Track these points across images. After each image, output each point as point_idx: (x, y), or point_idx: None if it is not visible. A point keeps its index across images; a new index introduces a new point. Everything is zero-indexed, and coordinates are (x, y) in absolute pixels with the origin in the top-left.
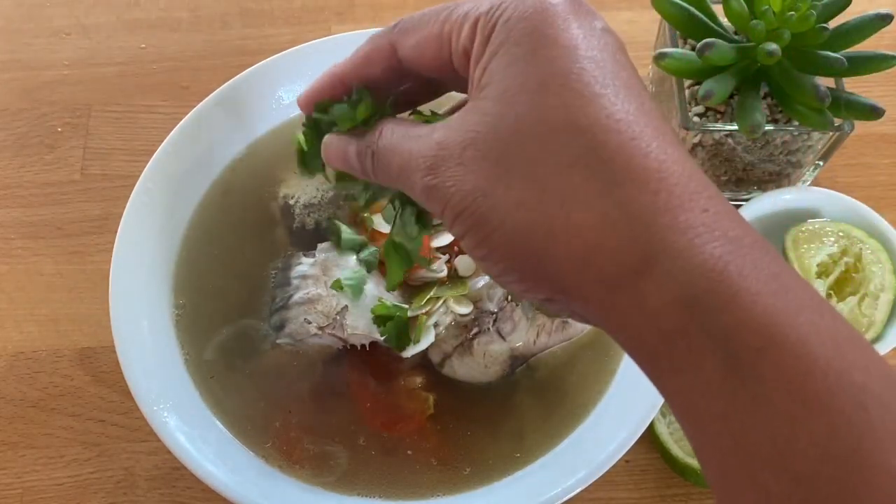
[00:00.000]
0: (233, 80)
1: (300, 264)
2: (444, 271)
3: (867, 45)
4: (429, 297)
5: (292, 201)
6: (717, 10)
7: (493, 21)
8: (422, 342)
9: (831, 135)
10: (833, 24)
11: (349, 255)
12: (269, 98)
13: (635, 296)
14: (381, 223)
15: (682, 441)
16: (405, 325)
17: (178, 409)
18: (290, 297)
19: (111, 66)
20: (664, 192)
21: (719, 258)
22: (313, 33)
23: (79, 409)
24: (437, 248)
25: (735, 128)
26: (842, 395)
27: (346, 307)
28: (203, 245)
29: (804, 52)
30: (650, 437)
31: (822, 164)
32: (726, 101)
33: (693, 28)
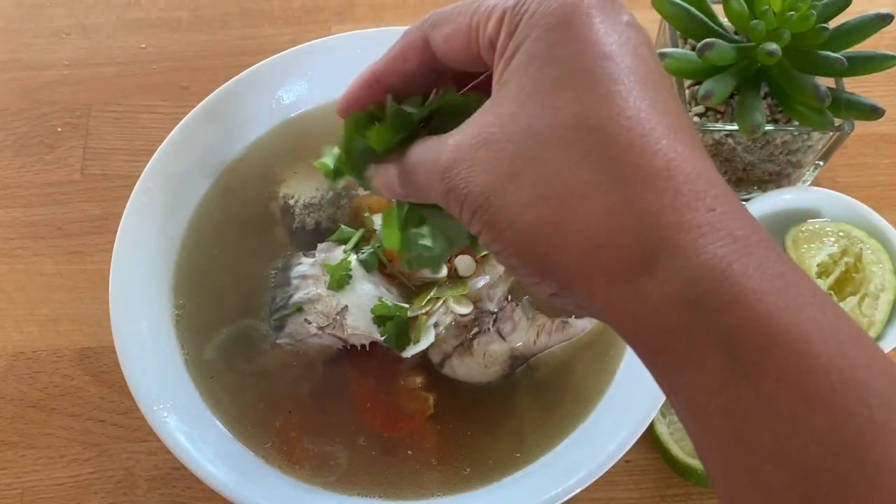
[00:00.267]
0: (233, 79)
1: (300, 264)
2: (444, 271)
3: (867, 45)
4: (429, 297)
5: (292, 201)
6: (717, 10)
7: (519, 16)
8: (422, 342)
9: (831, 135)
10: (833, 24)
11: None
12: (269, 98)
13: (638, 292)
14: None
15: (683, 441)
16: (405, 325)
17: (178, 409)
18: (290, 297)
19: (111, 66)
20: (671, 191)
21: (723, 257)
22: (313, 33)
23: (79, 409)
24: None
25: (735, 128)
26: (844, 392)
27: (346, 307)
28: (203, 245)
29: (804, 52)
30: (650, 437)
31: (822, 164)
32: (726, 101)
33: (693, 28)
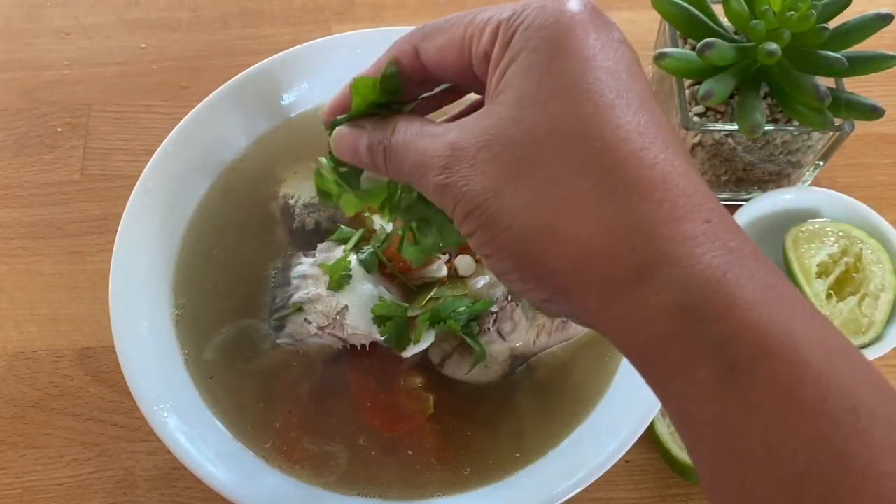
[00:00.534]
0: (233, 80)
1: (300, 264)
2: (444, 271)
3: (867, 45)
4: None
5: (292, 201)
6: (717, 10)
7: (514, 28)
8: (422, 342)
9: (831, 135)
10: (833, 24)
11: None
12: (269, 98)
13: (632, 302)
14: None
15: None
16: (405, 325)
17: (178, 409)
18: (290, 297)
19: (111, 66)
20: (667, 203)
21: (717, 268)
22: (313, 33)
23: (79, 409)
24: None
25: (735, 128)
26: (832, 401)
27: (346, 307)
28: (203, 245)
29: (804, 52)
30: (650, 437)
31: (822, 164)
32: (726, 101)
33: (693, 28)
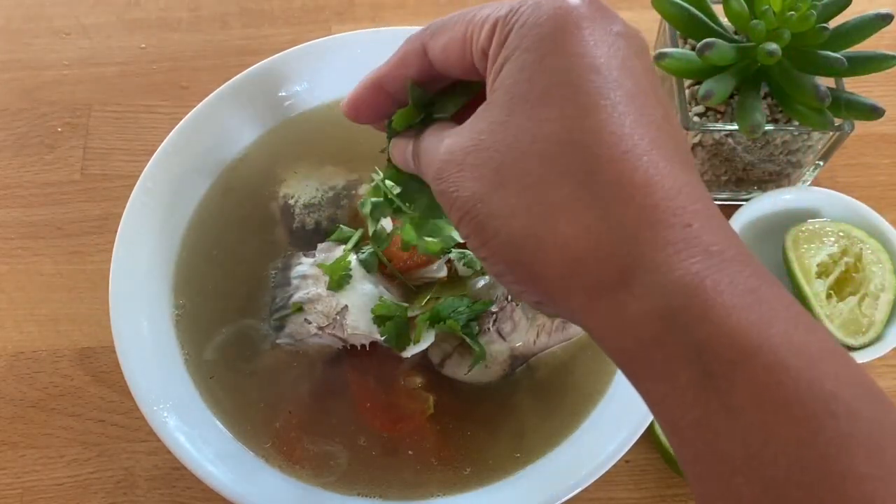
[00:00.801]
0: (232, 80)
1: (300, 264)
2: (444, 271)
3: (867, 45)
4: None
5: (292, 201)
6: (717, 10)
7: (510, 25)
8: (422, 342)
9: (831, 135)
10: (833, 24)
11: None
12: (270, 98)
13: (616, 306)
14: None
15: None
16: (405, 325)
17: (178, 409)
18: (290, 297)
19: (111, 66)
20: (649, 207)
21: (696, 273)
22: (313, 33)
23: (79, 409)
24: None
25: (735, 128)
26: (811, 404)
27: (346, 307)
28: (203, 245)
29: (804, 52)
30: (650, 437)
31: (822, 164)
32: (726, 101)
33: (693, 28)
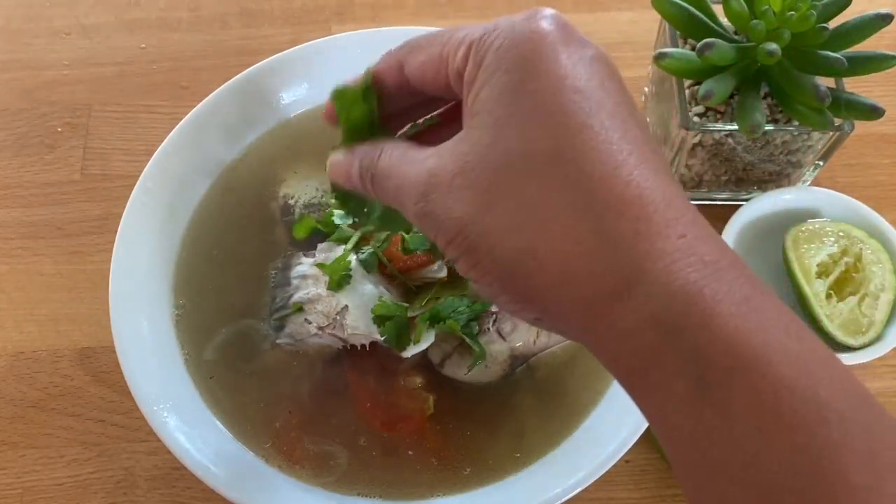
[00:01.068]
0: (233, 80)
1: (300, 264)
2: (444, 271)
3: (867, 45)
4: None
5: (292, 201)
6: (717, 10)
7: (486, 48)
8: (422, 342)
9: (831, 135)
10: (833, 24)
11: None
12: (269, 98)
13: (611, 319)
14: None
15: None
16: (405, 325)
17: (178, 409)
18: (290, 297)
19: (111, 66)
20: (643, 220)
21: (693, 283)
22: (313, 33)
23: (79, 409)
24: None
25: (735, 128)
26: (805, 412)
27: (346, 307)
28: (203, 245)
29: (804, 52)
30: (650, 437)
31: (822, 164)
32: (726, 101)
33: (693, 28)
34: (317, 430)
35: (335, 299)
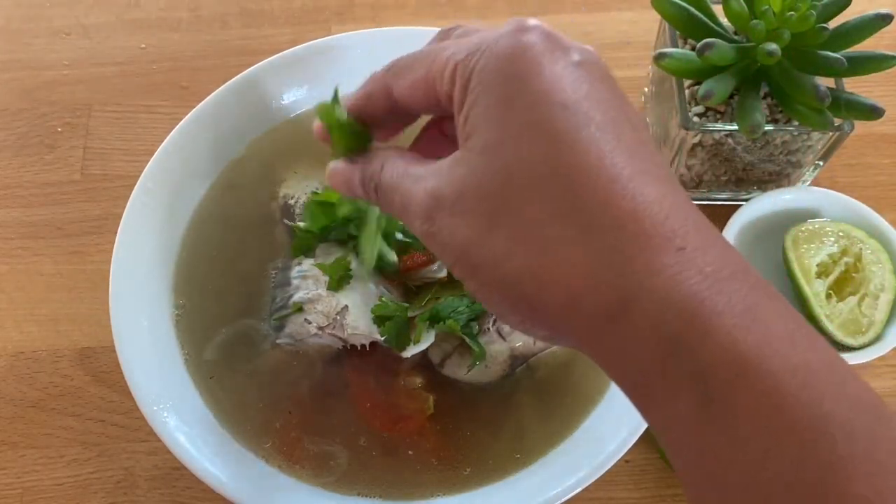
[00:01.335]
0: (233, 80)
1: (300, 264)
2: (444, 271)
3: (867, 45)
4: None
5: (292, 201)
6: (717, 10)
7: (470, 69)
8: (422, 342)
9: (831, 135)
10: (833, 24)
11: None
12: (269, 98)
13: (617, 336)
14: None
15: None
16: (405, 325)
17: (178, 409)
18: (290, 297)
19: (111, 66)
20: (641, 235)
21: (693, 296)
22: (313, 33)
23: (79, 409)
24: None
25: (735, 128)
26: (809, 426)
27: (346, 307)
28: (203, 245)
29: (804, 52)
30: (650, 437)
31: (822, 164)
32: (726, 101)
33: (693, 28)
34: (317, 430)
35: (335, 299)
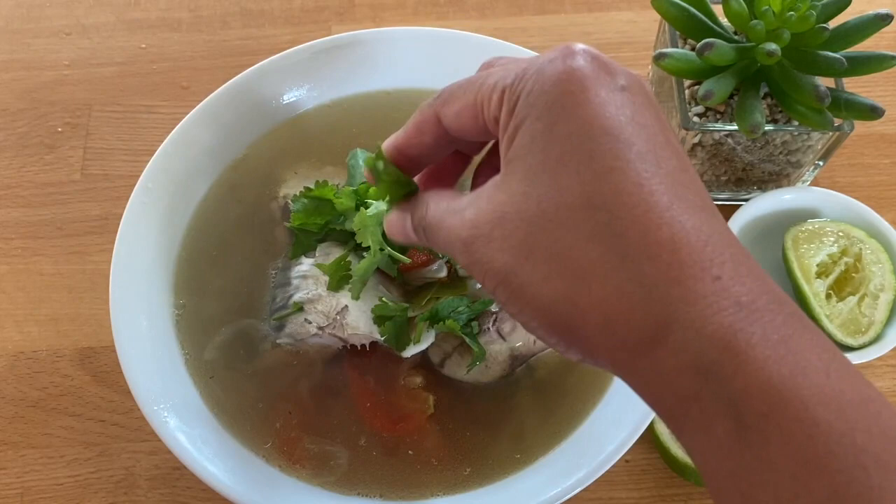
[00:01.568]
0: (233, 80)
1: (300, 264)
2: (444, 271)
3: (867, 45)
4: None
5: (292, 201)
6: (717, 10)
7: (517, 94)
8: (422, 342)
9: (831, 135)
10: (833, 24)
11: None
12: (270, 98)
13: (653, 363)
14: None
15: None
16: (405, 325)
17: (178, 409)
18: (291, 297)
19: (111, 66)
20: (676, 264)
21: (728, 327)
22: (313, 33)
23: (79, 409)
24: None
25: (735, 128)
26: (842, 457)
27: (347, 307)
28: (203, 245)
29: (804, 52)
30: (650, 437)
31: (821, 164)
32: (726, 101)
33: (693, 28)
34: (317, 430)
35: (335, 299)
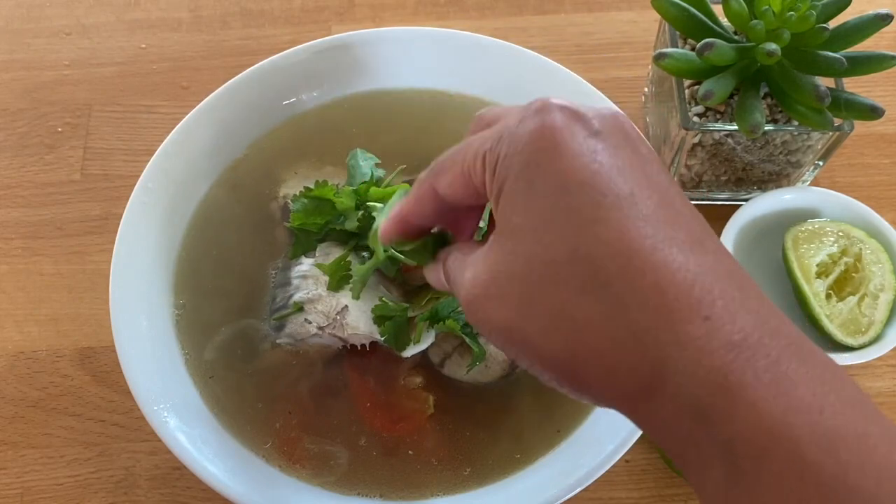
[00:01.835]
0: (233, 80)
1: (300, 264)
2: None
3: (867, 45)
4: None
5: (292, 201)
6: (717, 10)
7: (496, 157)
8: (422, 342)
9: (831, 135)
10: (833, 24)
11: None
12: (269, 98)
13: (654, 408)
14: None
15: None
16: (405, 325)
17: (178, 409)
18: (291, 296)
19: (111, 66)
20: (664, 309)
21: (719, 369)
22: (313, 33)
23: (79, 409)
24: None
25: (735, 128)
26: (834, 498)
27: (347, 307)
28: (203, 245)
29: (804, 52)
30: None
31: (821, 164)
32: (726, 101)
33: (693, 28)
34: (317, 430)
35: (335, 299)
